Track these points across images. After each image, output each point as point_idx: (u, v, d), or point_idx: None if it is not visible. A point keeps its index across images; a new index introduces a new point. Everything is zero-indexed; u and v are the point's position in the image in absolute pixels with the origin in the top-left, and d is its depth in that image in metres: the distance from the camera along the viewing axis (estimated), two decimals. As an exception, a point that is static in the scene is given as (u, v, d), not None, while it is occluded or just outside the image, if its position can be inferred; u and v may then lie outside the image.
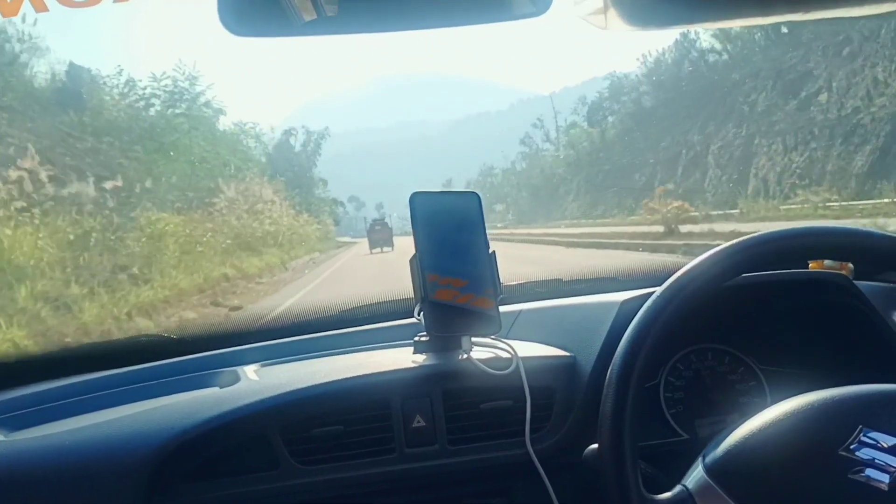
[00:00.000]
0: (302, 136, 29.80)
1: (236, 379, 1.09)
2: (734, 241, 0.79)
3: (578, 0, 0.45)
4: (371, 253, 22.66)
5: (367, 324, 1.30)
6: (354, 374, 1.00)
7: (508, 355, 1.02)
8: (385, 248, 23.41)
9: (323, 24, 0.64)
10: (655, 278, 1.13)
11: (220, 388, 1.08)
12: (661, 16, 0.41)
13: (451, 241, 1.05)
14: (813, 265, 1.18)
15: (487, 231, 1.08)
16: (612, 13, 0.41)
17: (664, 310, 0.77)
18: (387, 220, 26.56)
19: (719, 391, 1.11)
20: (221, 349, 1.24)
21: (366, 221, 27.48)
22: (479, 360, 1.00)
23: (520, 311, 1.22)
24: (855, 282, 1.09)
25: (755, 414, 0.75)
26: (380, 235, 24.19)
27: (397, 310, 1.32)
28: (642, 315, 0.78)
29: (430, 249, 1.04)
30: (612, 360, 0.78)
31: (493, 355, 1.03)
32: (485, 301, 1.04)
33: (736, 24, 0.41)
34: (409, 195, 1.07)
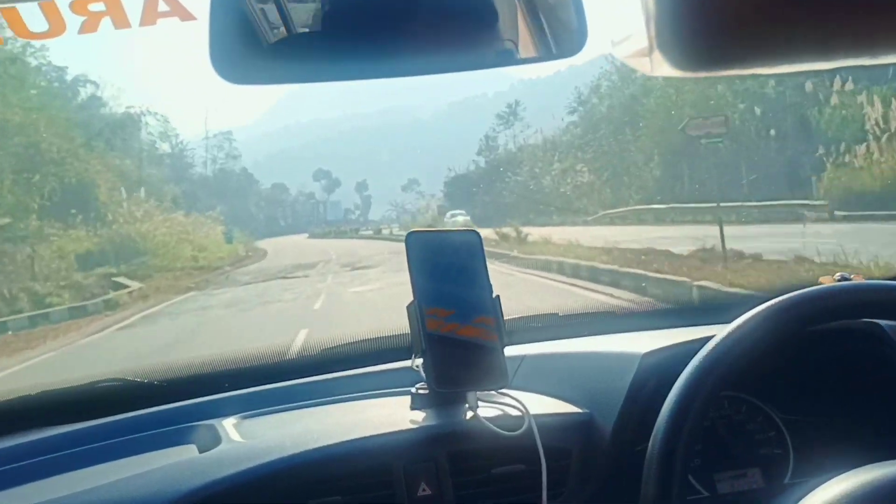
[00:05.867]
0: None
1: (216, 437, 1.03)
2: (782, 298, 0.76)
3: (619, 40, 0.43)
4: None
5: (354, 365, 1.24)
6: (351, 437, 0.95)
7: (518, 413, 0.97)
8: None
9: (324, 71, 0.65)
10: (658, 315, 1.30)
11: (200, 449, 1.03)
12: (712, 61, 0.39)
13: (451, 284, 1.00)
14: None
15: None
16: (658, 56, 0.39)
17: (707, 378, 0.73)
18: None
19: (738, 442, 1.06)
20: (194, 398, 1.17)
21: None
22: (487, 419, 0.95)
23: (523, 357, 1.17)
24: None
25: (776, 466, 0.74)
26: None
27: (387, 348, 1.26)
28: (684, 384, 0.74)
29: (430, 290, 0.99)
30: (653, 435, 0.75)
31: (501, 412, 0.98)
32: (489, 335, 0.99)
33: (794, 69, 0.40)
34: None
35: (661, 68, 0.40)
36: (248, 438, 1.00)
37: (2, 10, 1.51)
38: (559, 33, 0.71)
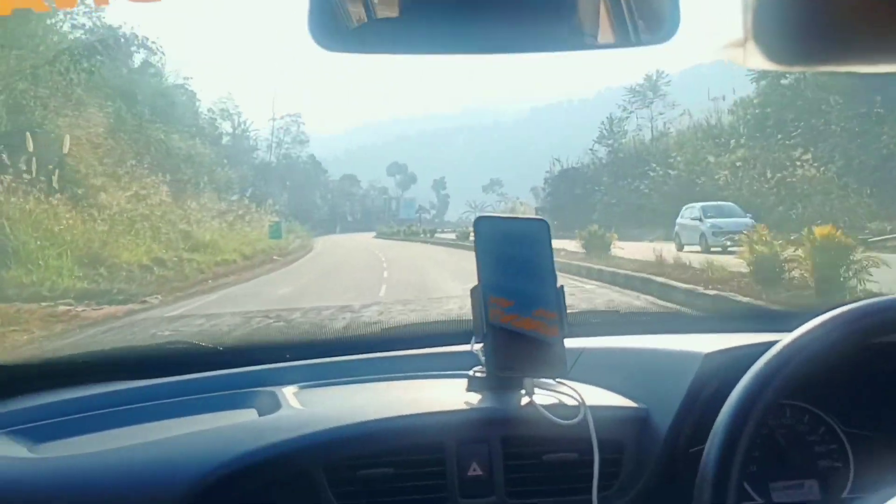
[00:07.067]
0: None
1: (276, 404, 1.07)
2: (848, 308, 0.75)
3: (714, 31, 0.44)
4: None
5: (413, 346, 1.28)
6: (406, 412, 0.98)
7: (575, 402, 0.99)
8: None
9: (417, 43, 0.69)
10: (722, 319, 1.34)
11: (260, 413, 1.08)
12: (809, 55, 0.39)
13: (516, 270, 1.02)
14: None
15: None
16: (752, 46, 0.40)
17: (768, 384, 0.73)
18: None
19: (797, 453, 1.06)
20: (258, 365, 1.22)
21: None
22: (543, 406, 0.97)
23: (582, 350, 1.18)
24: None
25: (835, 479, 0.74)
26: None
27: (447, 332, 1.30)
28: (745, 388, 0.74)
29: (495, 277, 1.02)
30: (710, 438, 0.75)
31: (557, 401, 1.00)
32: (549, 329, 1.01)
33: (886, 69, 0.39)
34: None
35: (754, 59, 0.39)
36: (307, 406, 1.04)
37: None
38: (649, 19, 0.70)
